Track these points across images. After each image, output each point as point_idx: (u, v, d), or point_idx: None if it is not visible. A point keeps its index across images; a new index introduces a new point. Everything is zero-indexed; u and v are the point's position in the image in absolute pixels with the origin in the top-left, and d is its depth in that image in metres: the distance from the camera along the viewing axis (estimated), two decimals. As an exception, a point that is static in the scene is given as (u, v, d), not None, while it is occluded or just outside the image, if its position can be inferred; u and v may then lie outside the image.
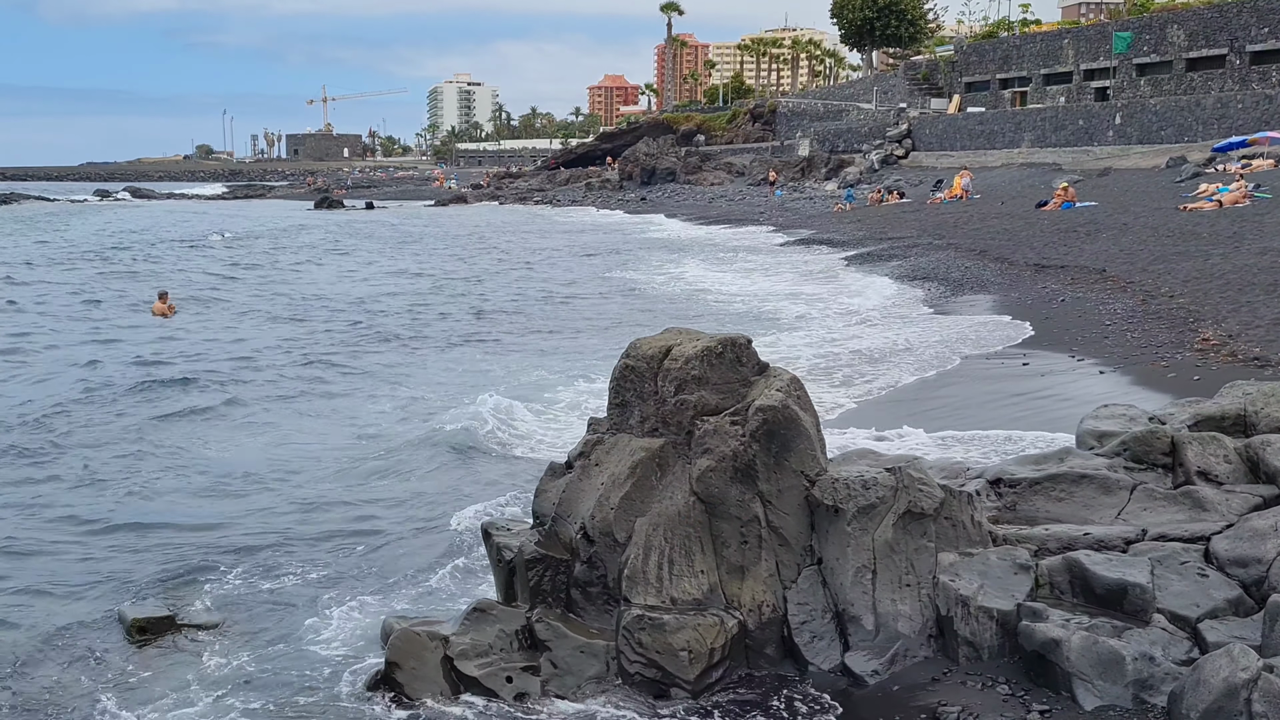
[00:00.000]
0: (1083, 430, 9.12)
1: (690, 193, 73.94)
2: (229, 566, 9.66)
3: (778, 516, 7.29)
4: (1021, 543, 7.43)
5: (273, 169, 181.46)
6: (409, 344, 21.97)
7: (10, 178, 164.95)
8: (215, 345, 21.82)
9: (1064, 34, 70.07)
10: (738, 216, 55.52)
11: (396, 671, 7.02)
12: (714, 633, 6.91)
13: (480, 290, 31.47)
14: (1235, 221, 24.80)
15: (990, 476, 8.48)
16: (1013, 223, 33.62)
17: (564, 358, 19.64)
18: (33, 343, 22.26)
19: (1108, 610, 6.67)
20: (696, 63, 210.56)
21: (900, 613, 7.01)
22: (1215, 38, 56.53)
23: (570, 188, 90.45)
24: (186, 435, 14.42)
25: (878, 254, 32.89)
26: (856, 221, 43.51)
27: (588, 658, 7.04)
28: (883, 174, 64.06)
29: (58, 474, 12.60)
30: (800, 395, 7.58)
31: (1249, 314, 16.10)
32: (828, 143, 77.87)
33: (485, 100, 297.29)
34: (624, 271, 34.99)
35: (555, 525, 7.67)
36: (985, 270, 26.10)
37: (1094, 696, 6.20)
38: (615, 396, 7.81)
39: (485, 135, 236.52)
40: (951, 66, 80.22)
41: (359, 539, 10.36)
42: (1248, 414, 8.57)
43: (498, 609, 7.44)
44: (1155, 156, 46.28)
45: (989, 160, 58.45)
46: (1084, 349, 16.01)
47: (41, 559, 9.96)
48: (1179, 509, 7.73)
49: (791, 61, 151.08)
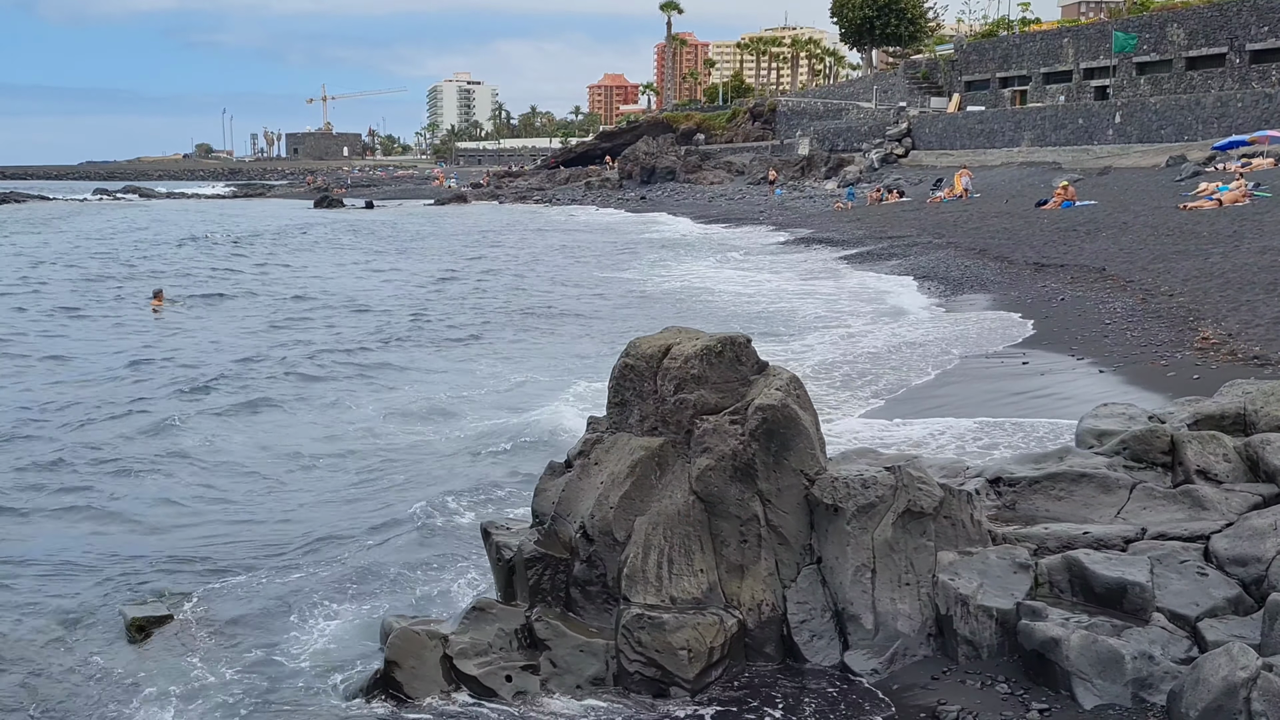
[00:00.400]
0: (1082, 429, 9.13)
1: (690, 192, 73.91)
2: (230, 565, 9.67)
3: (777, 515, 7.29)
4: (1021, 542, 7.43)
5: (272, 168, 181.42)
6: (420, 346, 22.00)
7: (10, 177, 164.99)
8: (214, 344, 21.86)
9: (1064, 33, 70.04)
10: (737, 215, 55.48)
11: (396, 671, 7.02)
12: (713, 632, 6.91)
13: (482, 289, 31.49)
14: (1235, 220, 24.80)
15: (990, 475, 8.48)
16: (1012, 221, 33.62)
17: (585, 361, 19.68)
18: (33, 343, 22.31)
19: (1107, 609, 6.67)
20: (696, 61, 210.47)
21: (900, 612, 7.01)
22: (1215, 36, 56.51)
23: (570, 187, 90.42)
24: (196, 433, 14.49)
25: (877, 253, 32.91)
26: (855, 220, 43.51)
27: (587, 657, 7.04)
28: (882, 173, 64.05)
29: (61, 472, 12.62)
30: (800, 394, 7.58)
31: (1249, 313, 16.10)
32: (827, 142, 77.86)
33: (485, 99, 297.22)
34: (624, 272, 34.96)
35: (555, 524, 7.67)
36: (985, 269, 26.11)
37: (1093, 695, 6.20)
38: (614, 395, 7.81)
39: (485, 134, 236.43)
40: (951, 65, 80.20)
41: (364, 537, 10.35)
42: (1247, 413, 8.57)
43: (497, 608, 7.44)
44: (1155, 155, 46.28)
45: (989, 159, 58.45)
46: (1084, 348, 16.01)
47: (40, 557, 9.97)
48: (1178, 508, 7.73)
49: (791, 60, 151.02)
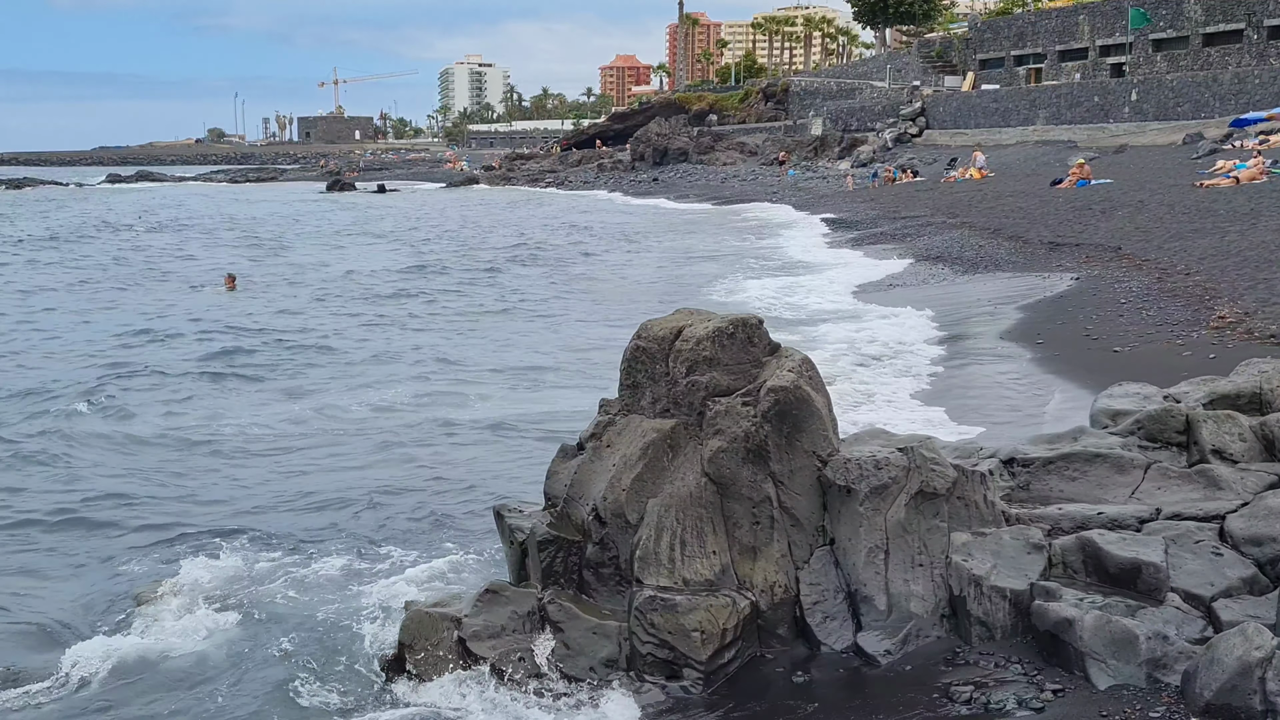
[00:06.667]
0: (1097, 409, 9.07)
1: (703, 173, 73.68)
2: (244, 542, 9.74)
3: (790, 497, 7.28)
4: (1035, 522, 7.40)
5: (285, 152, 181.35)
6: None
7: (24, 163, 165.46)
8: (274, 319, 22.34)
9: (1079, 10, 69.33)
10: (750, 195, 55.42)
11: (409, 652, 7.05)
12: (726, 613, 6.90)
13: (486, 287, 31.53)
14: (1252, 198, 24.59)
15: (1003, 456, 8.44)
16: (1027, 201, 33.41)
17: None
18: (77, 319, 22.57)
19: (1121, 589, 6.64)
20: (709, 41, 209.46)
21: (913, 593, 7.00)
22: (1232, 12, 55.88)
23: (582, 169, 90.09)
24: (229, 402, 14.82)
25: (890, 233, 32.80)
26: (870, 200, 43.33)
27: (600, 639, 7.05)
28: (896, 152, 63.66)
29: (98, 443, 12.82)
30: (812, 375, 7.55)
31: (1266, 291, 15.97)
32: (841, 121, 77.43)
33: (497, 81, 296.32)
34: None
35: (567, 507, 7.67)
36: (999, 249, 25.97)
37: (1107, 676, 6.18)
38: (627, 378, 7.80)
39: (497, 117, 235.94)
40: (966, 43, 79.58)
41: (383, 519, 10.39)
42: (1264, 392, 8.50)
43: (510, 590, 7.46)
44: (1172, 133, 45.90)
45: (1003, 138, 58.05)
46: (1099, 327, 15.92)
47: (54, 536, 10.06)
48: (1193, 488, 7.68)
49: (804, 40, 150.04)
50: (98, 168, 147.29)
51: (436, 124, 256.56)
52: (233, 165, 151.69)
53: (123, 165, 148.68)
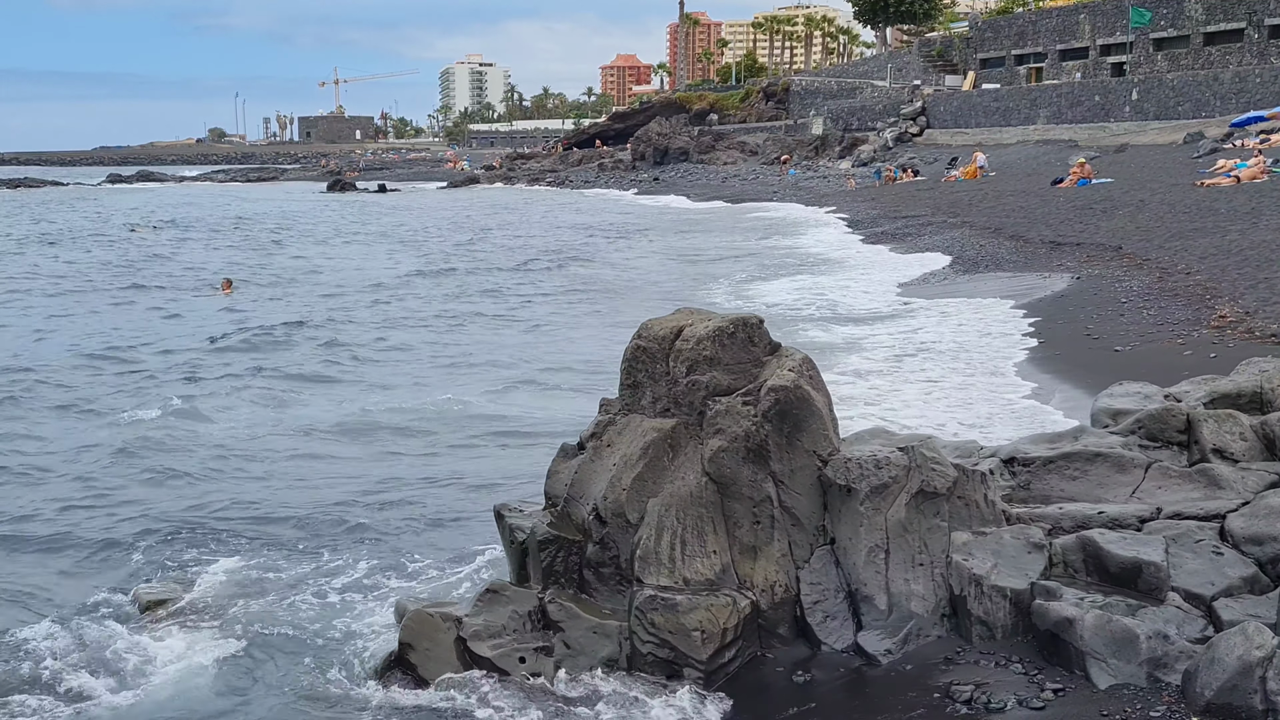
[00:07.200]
0: (1097, 408, 9.07)
1: (704, 172, 73.69)
2: (244, 542, 9.72)
3: (790, 496, 7.28)
4: (1035, 522, 7.40)
5: (285, 152, 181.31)
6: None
7: (24, 163, 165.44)
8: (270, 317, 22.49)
9: (1080, 9, 69.33)
10: (753, 195, 55.41)
11: (410, 652, 7.05)
12: (726, 613, 6.90)
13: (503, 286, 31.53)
14: (1253, 197, 24.58)
15: (1004, 455, 8.44)
16: (1028, 200, 33.41)
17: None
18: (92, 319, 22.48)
19: (1122, 589, 6.64)
20: (709, 41, 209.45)
21: (913, 592, 6.99)
22: (1233, 11, 55.88)
23: (583, 168, 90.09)
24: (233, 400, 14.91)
25: (890, 233, 32.78)
26: (871, 200, 43.32)
27: (600, 638, 7.05)
28: (897, 151, 63.69)
29: (97, 445, 12.84)
30: (812, 375, 7.55)
31: (1267, 290, 15.96)
32: (841, 121, 77.42)
33: (497, 81, 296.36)
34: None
35: (567, 506, 7.67)
36: (1000, 248, 25.97)
37: (1108, 675, 6.18)
38: (627, 377, 7.79)
39: (497, 116, 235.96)
40: (966, 43, 79.58)
41: (384, 519, 10.38)
42: (1264, 391, 8.49)
43: (510, 590, 7.46)
44: (1172, 132, 45.88)
45: (1004, 137, 58.05)
46: (1099, 326, 15.92)
47: (53, 539, 10.05)
48: (1194, 487, 7.68)
49: (805, 39, 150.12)
50: (98, 168, 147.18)
51: (437, 124, 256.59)
52: (233, 165, 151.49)
53: (123, 165, 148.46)
